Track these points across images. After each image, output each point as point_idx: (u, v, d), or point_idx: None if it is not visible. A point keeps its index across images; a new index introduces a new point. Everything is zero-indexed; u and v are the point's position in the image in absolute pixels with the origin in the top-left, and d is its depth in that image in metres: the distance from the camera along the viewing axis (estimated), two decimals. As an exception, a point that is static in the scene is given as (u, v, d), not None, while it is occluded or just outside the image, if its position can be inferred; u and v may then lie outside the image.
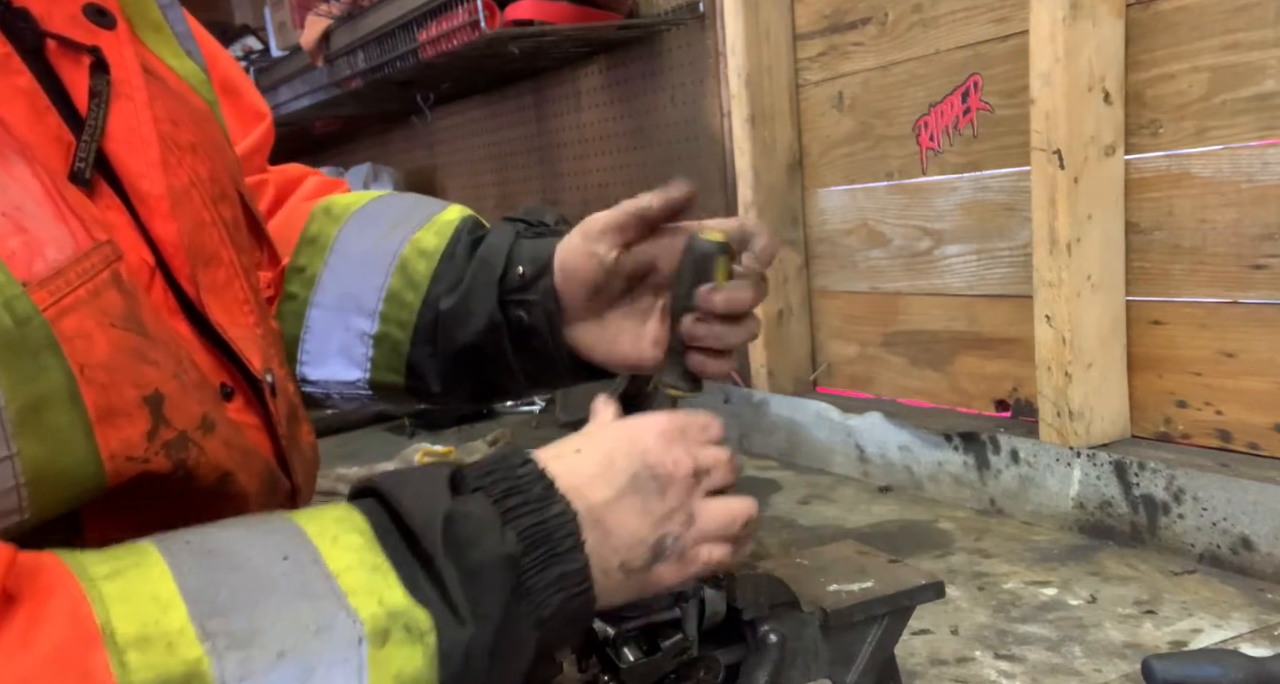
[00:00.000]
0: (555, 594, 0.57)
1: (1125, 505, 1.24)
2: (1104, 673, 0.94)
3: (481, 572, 0.54)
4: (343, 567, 0.52)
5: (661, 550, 0.63)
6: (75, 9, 0.64)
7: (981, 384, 1.51)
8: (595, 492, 0.61)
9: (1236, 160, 1.15)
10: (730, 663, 0.75)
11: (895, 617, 0.79)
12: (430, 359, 0.88)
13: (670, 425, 0.66)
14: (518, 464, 0.60)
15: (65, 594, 0.46)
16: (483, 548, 0.55)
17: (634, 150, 2.09)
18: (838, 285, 1.72)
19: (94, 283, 0.54)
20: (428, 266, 0.88)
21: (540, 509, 0.58)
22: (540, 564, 0.57)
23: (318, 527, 0.54)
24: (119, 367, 0.54)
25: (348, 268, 0.91)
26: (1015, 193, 1.39)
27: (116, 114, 0.62)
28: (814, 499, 1.54)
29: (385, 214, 0.94)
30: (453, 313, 0.86)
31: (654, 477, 0.63)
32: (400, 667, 0.51)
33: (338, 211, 0.94)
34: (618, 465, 0.63)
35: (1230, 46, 1.15)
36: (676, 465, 0.64)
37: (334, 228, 0.93)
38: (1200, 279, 1.21)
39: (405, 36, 2.17)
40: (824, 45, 1.66)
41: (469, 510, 0.56)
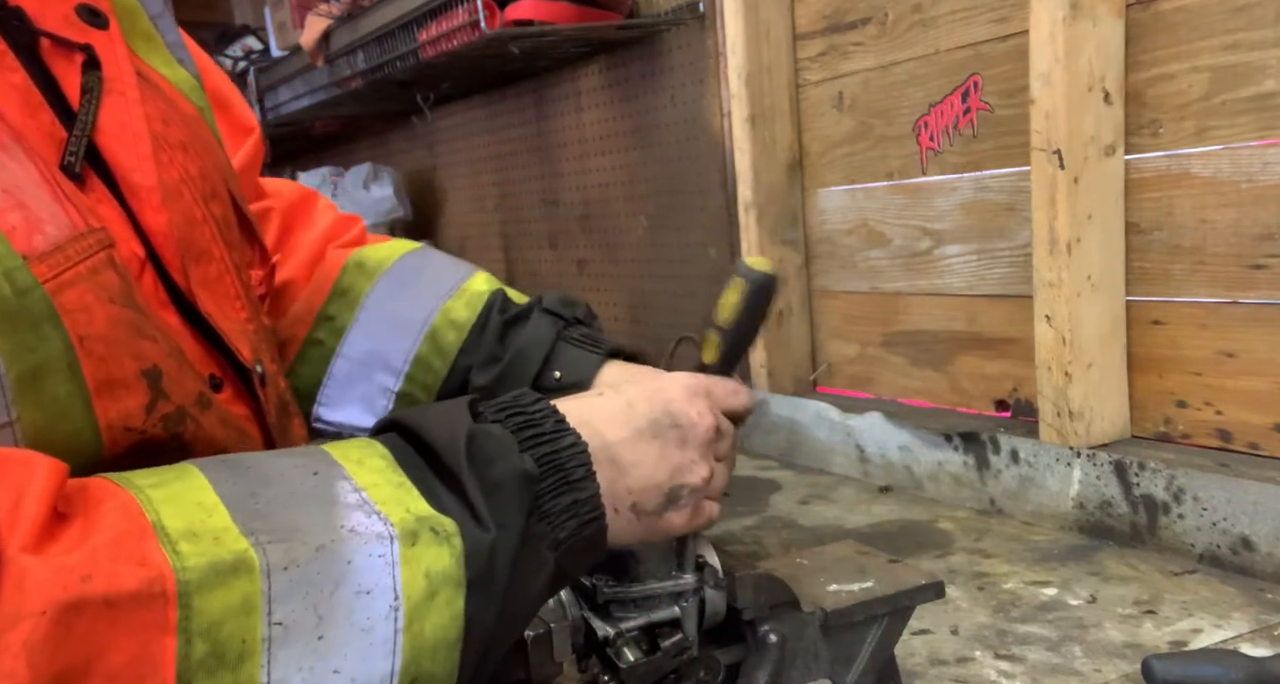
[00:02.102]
0: (569, 519, 0.58)
1: (1125, 505, 1.24)
2: (1104, 673, 0.94)
3: (502, 486, 0.56)
4: (369, 482, 0.55)
5: (676, 498, 0.64)
6: (68, 9, 0.65)
7: (981, 384, 1.51)
8: (611, 430, 0.63)
9: (1236, 160, 1.15)
10: (730, 663, 0.75)
11: (895, 617, 0.79)
12: None
13: (696, 383, 0.68)
14: (531, 401, 0.61)
15: (116, 498, 0.49)
16: (503, 464, 0.56)
17: (634, 150, 2.09)
18: (838, 285, 1.72)
19: (92, 261, 0.56)
20: (457, 338, 0.94)
21: (553, 440, 0.59)
22: (554, 490, 0.58)
23: (342, 452, 0.57)
24: (118, 340, 0.56)
25: (377, 327, 0.96)
26: (1015, 193, 1.39)
27: (108, 109, 0.64)
28: (814, 499, 1.54)
29: (415, 277, 0.99)
30: (484, 392, 0.88)
31: (675, 425, 0.65)
32: (430, 564, 0.53)
33: (370, 268, 0.99)
34: (638, 409, 0.64)
35: (1230, 46, 1.15)
36: (701, 417, 0.66)
37: (365, 285, 0.98)
38: (1200, 279, 1.21)
39: (405, 36, 2.17)
40: (824, 45, 1.66)
41: (490, 431, 0.58)
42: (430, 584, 0.53)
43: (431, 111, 2.59)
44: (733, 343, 0.74)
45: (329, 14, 2.45)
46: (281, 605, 0.49)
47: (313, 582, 0.50)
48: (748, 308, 0.73)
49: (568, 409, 0.62)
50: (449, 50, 2.01)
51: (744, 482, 1.66)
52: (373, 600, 0.51)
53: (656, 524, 0.64)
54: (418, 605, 0.52)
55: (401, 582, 0.52)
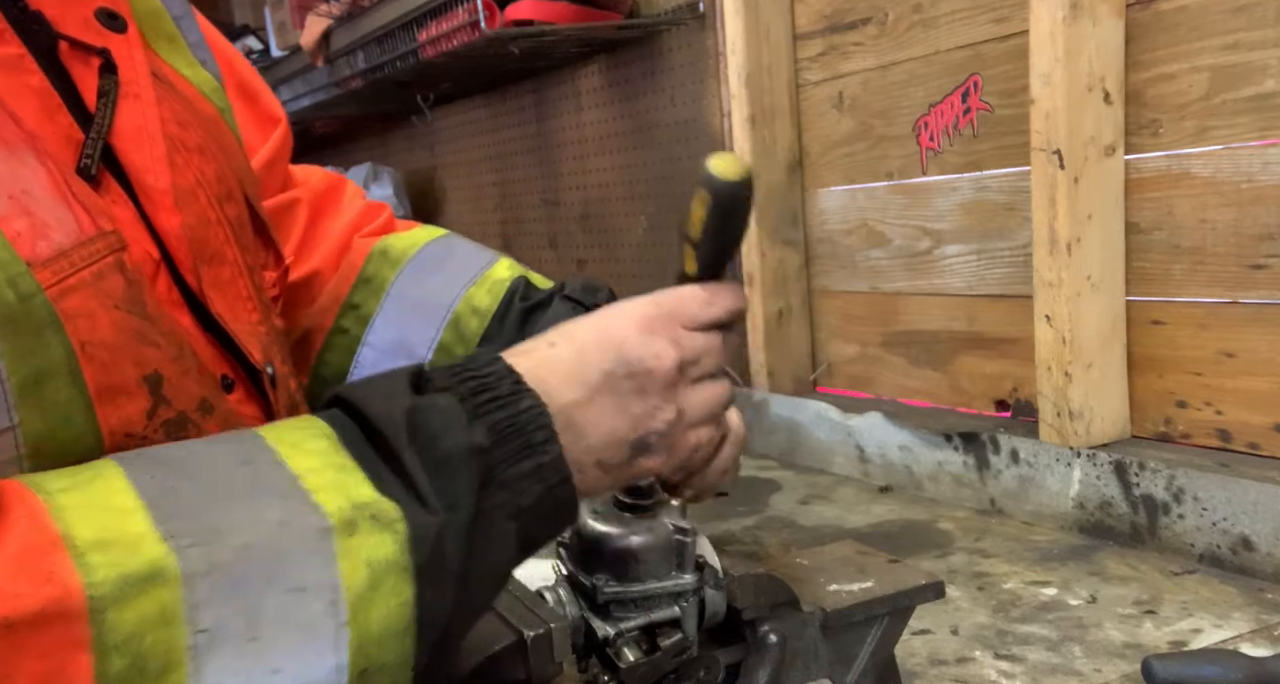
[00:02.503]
0: (534, 484, 0.56)
1: (1125, 505, 1.24)
2: (1104, 673, 0.94)
3: (449, 461, 0.53)
4: (305, 468, 0.52)
5: (643, 447, 0.61)
6: (88, 13, 0.66)
7: (981, 384, 1.51)
8: (565, 391, 0.59)
9: (1236, 160, 1.15)
10: (730, 663, 0.75)
11: (895, 617, 0.79)
12: None
13: (655, 310, 0.63)
14: (484, 363, 0.59)
15: (23, 506, 0.47)
16: (449, 439, 0.54)
17: (634, 150, 2.09)
18: (838, 285, 1.72)
19: (98, 266, 0.56)
20: (479, 325, 0.93)
21: (509, 404, 0.57)
22: (514, 456, 0.56)
23: (277, 435, 0.55)
24: (120, 346, 0.56)
25: (401, 315, 0.95)
26: (1015, 193, 1.39)
27: (124, 112, 0.64)
28: (814, 499, 1.54)
29: (440, 265, 0.98)
30: None
31: (630, 374, 0.61)
32: (371, 553, 0.51)
33: (394, 256, 0.98)
34: (590, 361, 0.60)
35: (1230, 46, 1.15)
36: (658, 360, 0.61)
37: (390, 273, 0.97)
38: (1200, 279, 1.21)
39: (405, 36, 2.17)
40: (824, 45, 1.66)
41: (433, 403, 0.55)
42: (373, 574, 0.51)
43: (431, 111, 2.59)
44: (711, 253, 0.66)
45: (329, 14, 2.45)
46: (206, 612, 0.47)
47: (239, 584, 0.48)
48: (718, 220, 0.64)
49: (522, 369, 0.59)
50: (449, 50, 2.01)
51: (744, 481, 1.66)
52: (309, 597, 0.49)
53: (629, 472, 0.62)
54: (360, 597, 0.50)
55: (341, 574, 0.50)
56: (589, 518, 0.72)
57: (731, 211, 0.64)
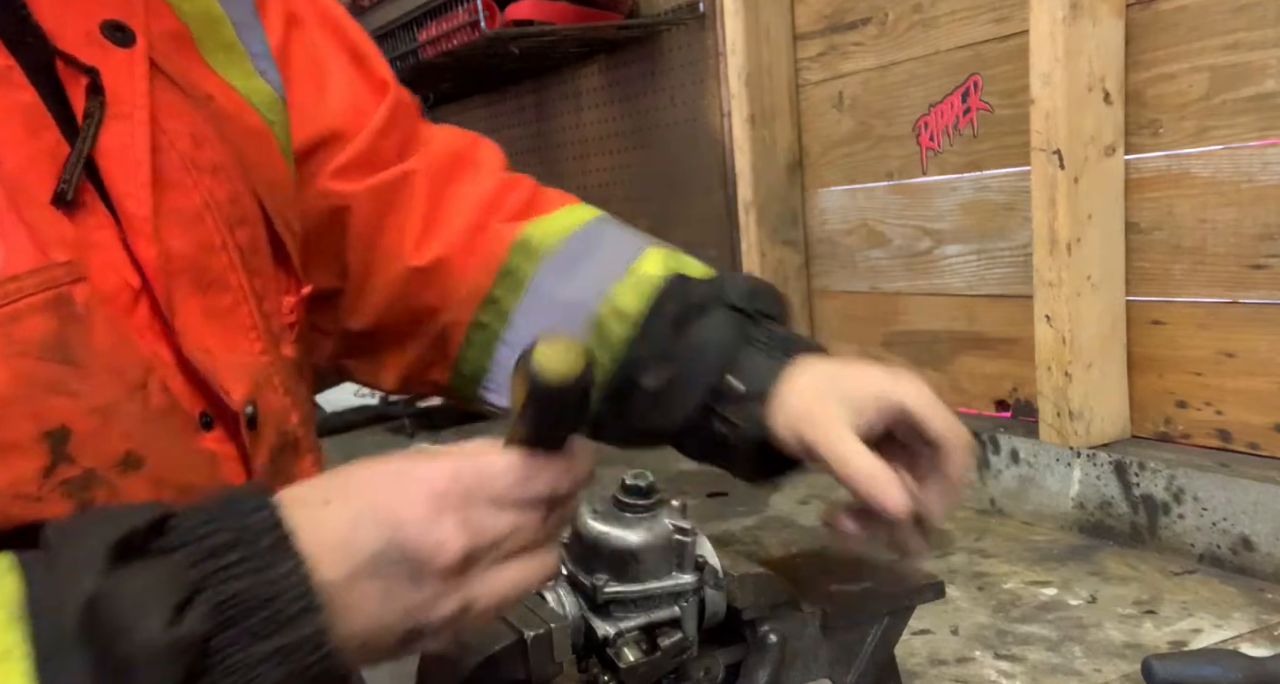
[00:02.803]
0: (273, 668, 0.47)
1: (1125, 505, 1.24)
2: (1104, 673, 0.93)
3: (132, 666, 0.44)
4: None
5: (417, 635, 0.53)
6: (92, 25, 0.63)
7: (981, 384, 1.51)
8: (329, 566, 0.50)
9: (1237, 160, 1.15)
10: (730, 663, 0.75)
11: (895, 617, 0.79)
12: (614, 419, 0.83)
13: (452, 484, 0.53)
14: (249, 509, 0.50)
15: None
16: (138, 636, 0.44)
17: (634, 150, 2.09)
18: (838, 285, 1.72)
19: (14, 308, 0.51)
20: (624, 331, 0.82)
21: (262, 569, 0.48)
22: (250, 638, 0.47)
23: None
24: (17, 399, 0.51)
25: (542, 314, 0.86)
26: (1015, 193, 1.39)
27: (111, 133, 0.61)
28: (814, 499, 1.54)
29: (584, 259, 0.88)
30: (654, 397, 0.80)
31: (403, 559, 0.51)
32: None
33: (536, 245, 0.88)
34: (361, 535, 0.51)
35: (1230, 46, 1.14)
36: (438, 548, 0.51)
37: (531, 267, 0.87)
38: (1200, 279, 1.21)
39: (405, 36, 2.17)
40: (824, 45, 1.66)
41: (128, 587, 0.45)
42: None
43: (431, 111, 2.59)
44: (535, 437, 0.54)
45: (329, 14, 2.45)
46: None
47: None
48: (537, 416, 0.53)
49: (295, 525, 0.50)
50: (449, 50, 2.01)
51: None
52: None
53: (399, 653, 0.54)
54: None
55: None
56: (589, 518, 0.72)
57: (552, 412, 0.53)
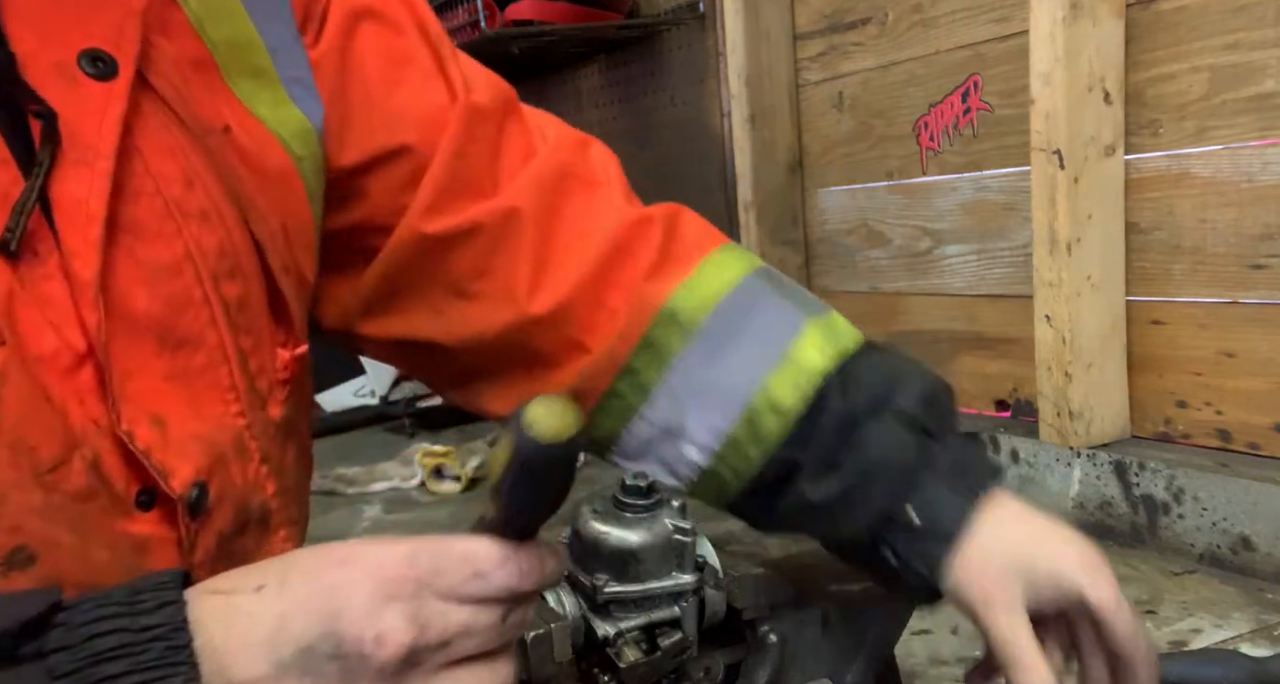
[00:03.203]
0: None
1: (1125, 505, 1.24)
2: (1104, 673, 0.93)
3: None
4: None
5: None
6: (69, 55, 0.57)
7: (981, 384, 1.51)
8: (244, 664, 0.45)
9: (1236, 160, 1.15)
10: (730, 663, 0.75)
11: (895, 617, 0.79)
12: (761, 513, 0.77)
13: (405, 570, 0.47)
14: (150, 607, 0.45)
15: None
16: None
17: (634, 150, 2.09)
18: (838, 285, 1.72)
19: None
20: (779, 428, 0.73)
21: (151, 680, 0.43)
22: None
23: None
24: None
25: (688, 397, 0.77)
26: (1015, 193, 1.39)
27: (67, 180, 0.55)
28: (814, 499, 1.54)
29: (736, 337, 0.78)
30: (818, 508, 0.73)
31: (336, 654, 0.46)
32: None
33: (684, 320, 0.77)
34: (290, 627, 0.46)
35: (1230, 46, 1.14)
36: (378, 644, 0.46)
37: (678, 343, 0.77)
38: (1200, 279, 1.21)
39: (405, 36, 2.17)
40: (824, 45, 1.66)
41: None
42: None
43: (431, 111, 2.59)
44: (513, 512, 0.49)
45: (329, 14, 2.45)
46: None
47: None
48: (522, 482, 0.47)
49: (206, 618, 0.45)
50: (449, 50, 2.01)
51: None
52: None
53: None
54: None
55: None
56: (589, 518, 0.72)
57: (540, 477, 0.48)
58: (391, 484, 1.79)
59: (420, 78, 0.76)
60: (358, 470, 1.83)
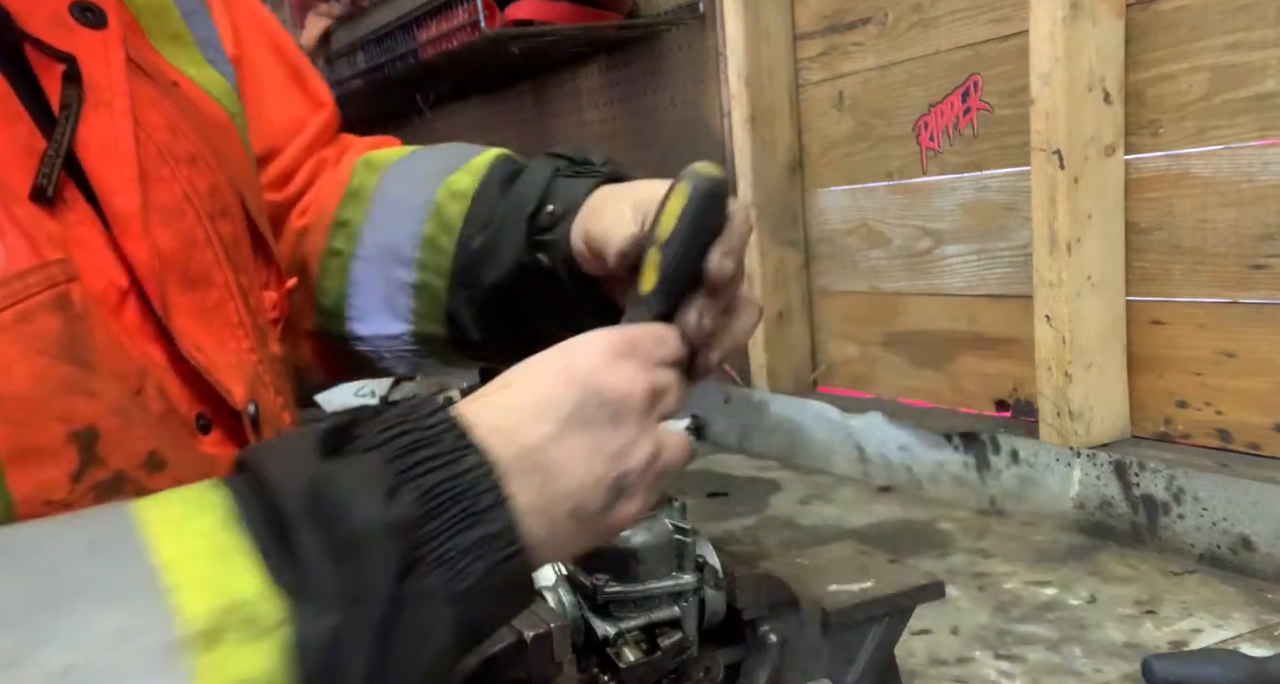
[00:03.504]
0: (475, 561, 0.48)
1: (1125, 505, 1.24)
2: (1104, 673, 0.94)
3: (358, 542, 0.45)
4: (176, 555, 0.44)
5: (622, 489, 0.53)
6: (61, 7, 0.59)
7: (981, 384, 1.51)
8: (530, 431, 0.51)
9: (1236, 160, 1.15)
10: (730, 663, 0.75)
11: (895, 617, 0.79)
12: (466, 304, 0.83)
13: (619, 339, 0.56)
14: (425, 413, 0.50)
15: None
16: (360, 513, 0.45)
17: (634, 150, 2.09)
18: (838, 285, 1.72)
19: (24, 306, 0.50)
20: (460, 208, 0.82)
21: (451, 463, 0.49)
22: (452, 528, 0.47)
23: (159, 512, 0.46)
24: (40, 399, 0.50)
25: (386, 218, 0.86)
26: (1015, 193, 1.39)
27: (92, 124, 0.58)
28: (814, 499, 1.54)
29: (424, 162, 0.89)
30: (481, 252, 0.81)
31: (602, 403, 0.53)
32: (239, 671, 0.42)
33: (377, 163, 0.89)
34: (556, 394, 0.53)
35: (1230, 46, 1.15)
36: (632, 384, 0.54)
37: (374, 179, 0.88)
38: (1200, 279, 1.21)
39: (405, 36, 2.17)
40: (824, 45, 1.66)
41: (344, 471, 0.47)
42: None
43: (431, 111, 2.59)
44: (674, 263, 0.60)
45: (329, 14, 2.45)
46: None
47: None
48: (693, 218, 0.60)
49: (475, 414, 0.51)
50: (449, 50, 2.01)
51: (744, 482, 1.66)
52: None
53: (605, 523, 0.54)
54: None
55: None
56: (589, 518, 0.71)
57: (709, 208, 0.61)
58: (391, 484, 1.78)
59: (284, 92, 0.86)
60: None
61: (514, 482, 0.50)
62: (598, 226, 0.71)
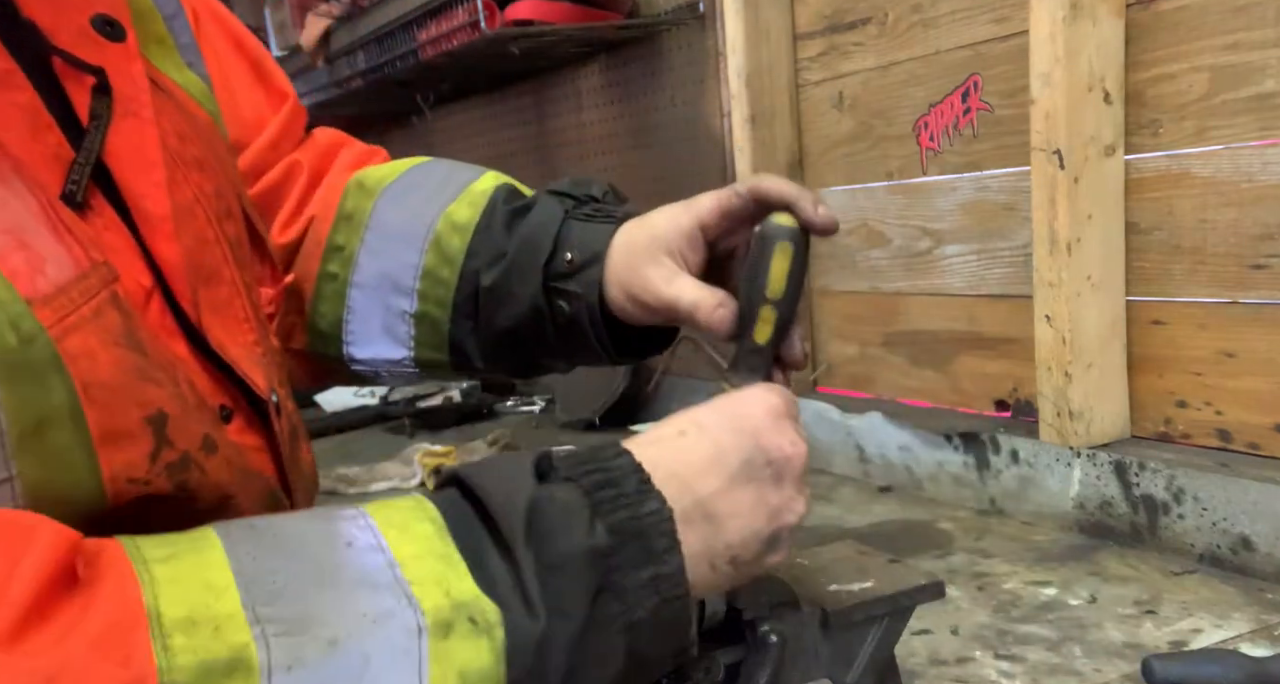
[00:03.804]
0: (648, 597, 0.53)
1: (1125, 505, 1.24)
2: (1104, 673, 0.94)
3: (565, 564, 0.50)
4: (409, 555, 0.50)
5: (774, 543, 0.60)
6: (84, 20, 0.61)
7: (981, 384, 1.51)
8: (704, 482, 0.57)
9: (1236, 160, 1.15)
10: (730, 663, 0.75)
11: (895, 617, 0.79)
12: (471, 335, 0.86)
13: (779, 401, 0.62)
14: (612, 455, 0.56)
15: (116, 577, 0.45)
16: (568, 539, 0.51)
17: (634, 150, 2.09)
18: (838, 285, 1.72)
19: (96, 301, 0.53)
20: (462, 241, 0.85)
21: (635, 504, 0.54)
22: (632, 563, 0.52)
23: (386, 515, 0.52)
24: (122, 386, 0.53)
25: (384, 246, 0.88)
26: (1015, 193, 1.39)
27: (121, 132, 0.61)
28: (814, 499, 1.54)
29: (419, 187, 0.91)
30: (494, 291, 0.83)
31: (769, 462, 0.59)
32: (465, 662, 0.48)
33: (371, 185, 0.91)
34: (727, 449, 0.58)
35: (1230, 46, 1.15)
36: (794, 446, 0.60)
37: (369, 203, 0.90)
38: (1200, 279, 1.21)
39: (405, 36, 2.17)
40: (824, 45, 1.66)
41: (556, 496, 0.52)
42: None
43: (431, 111, 2.59)
44: (788, 316, 0.69)
45: (329, 14, 2.45)
46: None
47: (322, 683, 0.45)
48: (799, 268, 0.68)
49: (653, 460, 0.56)
50: (449, 50, 2.01)
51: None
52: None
53: (754, 569, 0.60)
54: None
55: (429, 681, 0.47)
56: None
57: (806, 260, 0.68)
58: (391, 484, 1.79)
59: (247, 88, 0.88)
60: (358, 470, 1.83)
61: (686, 528, 0.55)
62: (654, 293, 0.75)
